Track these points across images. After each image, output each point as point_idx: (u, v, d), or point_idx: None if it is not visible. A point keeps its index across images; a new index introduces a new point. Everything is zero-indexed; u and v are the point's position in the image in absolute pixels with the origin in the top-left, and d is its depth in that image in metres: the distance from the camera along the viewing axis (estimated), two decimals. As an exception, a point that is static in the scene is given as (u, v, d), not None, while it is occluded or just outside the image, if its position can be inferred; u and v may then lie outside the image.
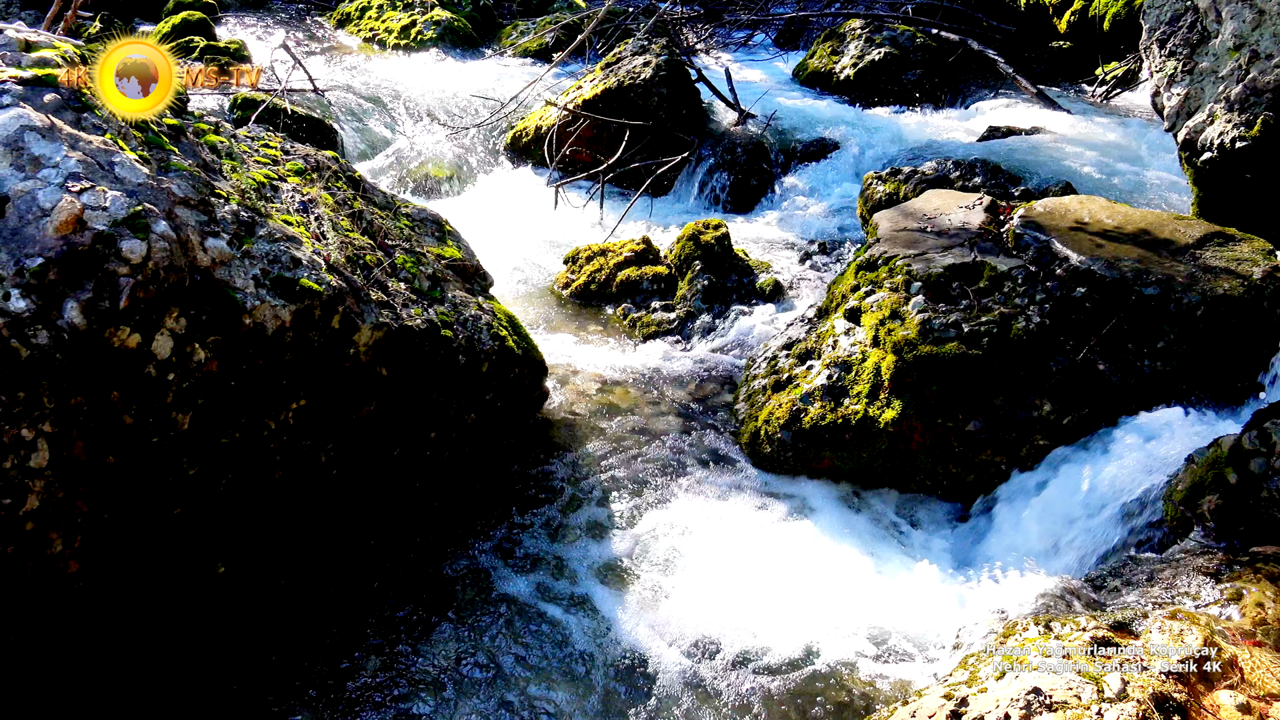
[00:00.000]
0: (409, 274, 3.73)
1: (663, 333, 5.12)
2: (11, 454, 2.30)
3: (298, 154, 3.91)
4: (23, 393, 2.31)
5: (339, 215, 3.63)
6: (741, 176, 7.11)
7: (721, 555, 3.50)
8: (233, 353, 2.77)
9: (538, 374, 4.16)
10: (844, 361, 4.07)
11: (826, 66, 8.92)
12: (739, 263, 5.55)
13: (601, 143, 7.23)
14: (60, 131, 2.65)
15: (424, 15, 10.40)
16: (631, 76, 7.36)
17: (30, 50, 2.93)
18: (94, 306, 2.43)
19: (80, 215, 2.45)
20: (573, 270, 5.74)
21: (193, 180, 2.92)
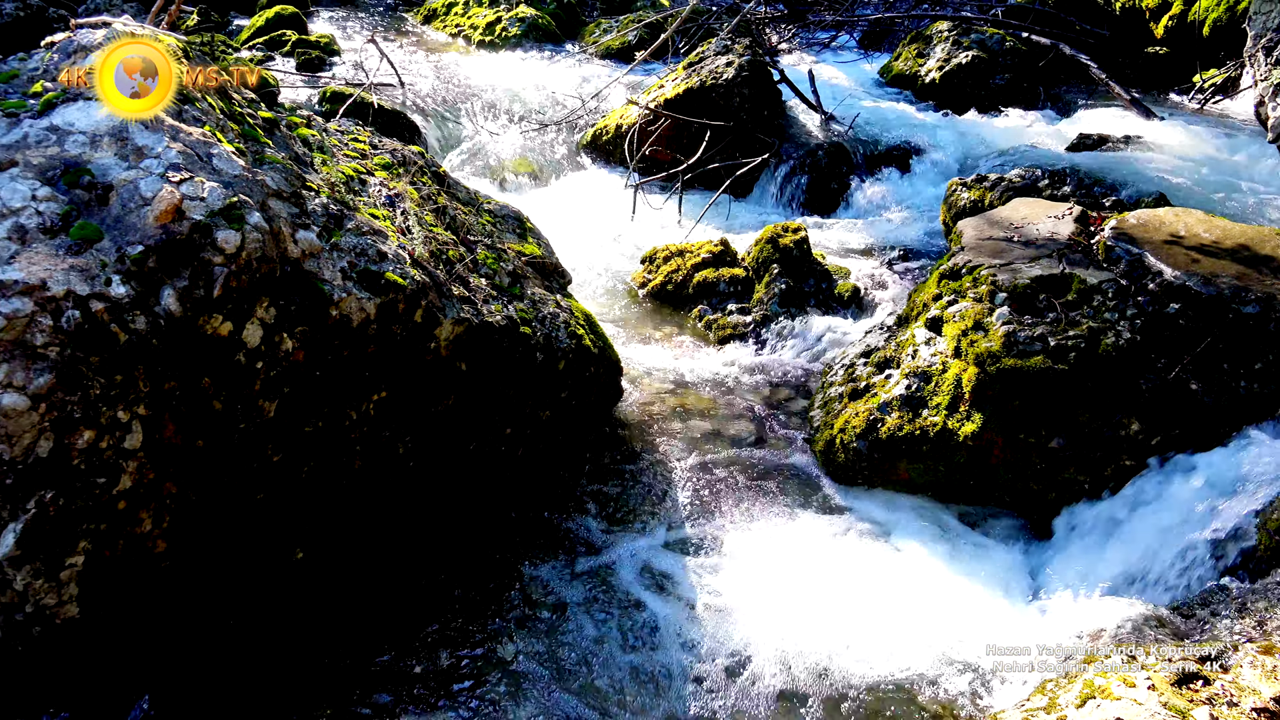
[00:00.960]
0: (490, 270, 3.76)
1: (738, 336, 5.09)
2: (108, 435, 2.37)
3: (385, 148, 3.97)
4: (120, 376, 2.38)
5: (424, 210, 3.68)
6: (822, 179, 7.03)
7: (792, 565, 3.46)
8: (319, 343, 2.82)
9: (613, 373, 4.17)
10: (924, 372, 4.00)
11: (912, 69, 8.78)
12: (817, 267, 5.49)
13: (681, 142, 7.22)
14: (163, 123, 2.73)
15: (509, 12, 10.50)
16: (714, 76, 7.33)
17: (136, 43, 3.02)
18: (189, 294, 2.49)
19: (179, 205, 2.52)
20: (649, 270, 5.74)
21: (285, 173, 2.98)
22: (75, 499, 2.33)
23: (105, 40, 2.99)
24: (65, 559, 2.35)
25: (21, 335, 2.26)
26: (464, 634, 3.12)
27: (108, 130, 2.67)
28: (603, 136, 7.78)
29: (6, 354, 2.24)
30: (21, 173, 2.53)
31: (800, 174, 7.07)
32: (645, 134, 7.29)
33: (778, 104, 7.66)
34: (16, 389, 2.23)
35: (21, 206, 2.46)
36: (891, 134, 7.48)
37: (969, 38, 8.59)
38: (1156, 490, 3.46)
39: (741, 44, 7.78)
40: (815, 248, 5.76)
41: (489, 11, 10.64)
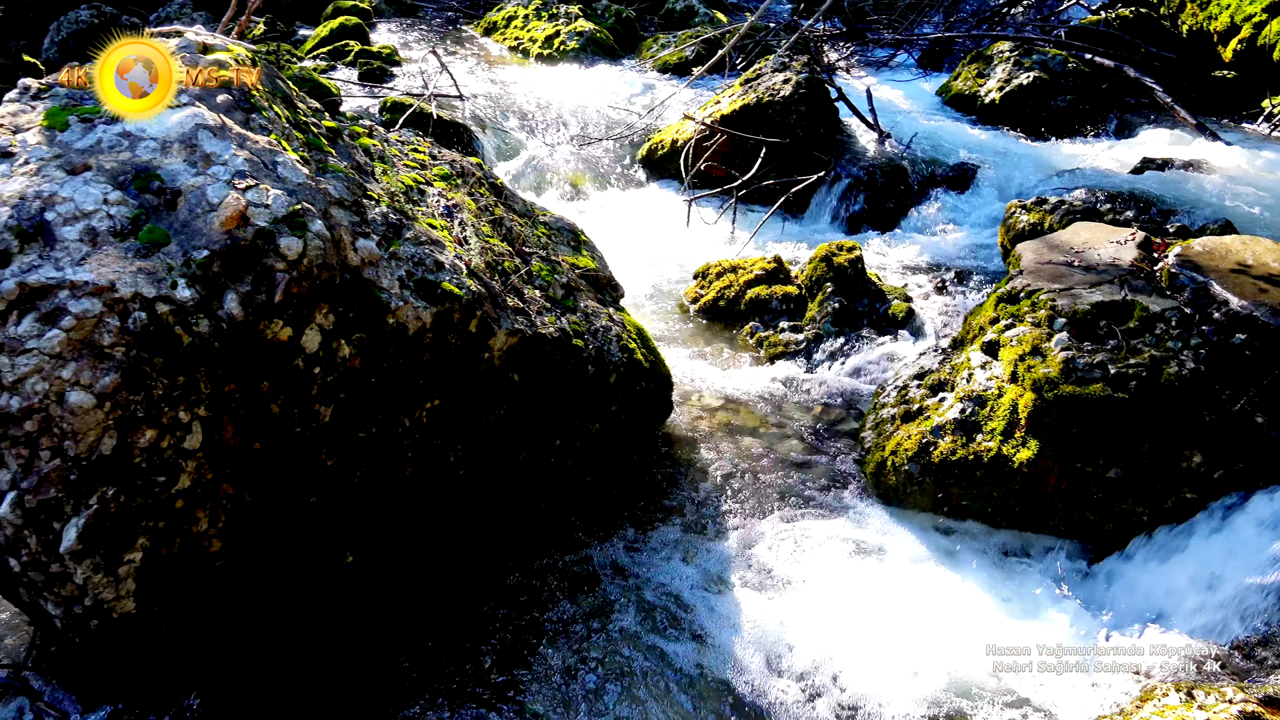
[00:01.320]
0: (544, 282, 3.78)
1: (790, 354, 5.06)
2: (169, 434, 2.42)
3: (444, 159, 4.02)
4: (182, 377, 2.42)
5: (481, 221, 3.71)
6: (878, 198, 6.98)
7: (841, 587, 3.42)
8: (375, 350, 2.85)
9: (663, 388, 4.16)
10: (979, 396, 3.94)
11: (971, 89, 8.68)
12: (871, 287, 5.45)
13: (736, 159, 7.21)
14: (230, 130, 2.79)
15: (568, 26, 10.58)
16: (770, 93, 7.32)
17: (207, 52, 3.09)
18: (251, 299, 2.54)
19: (244, 211, 2.57)
20: (702, 285, 5.73)
21: (347, 182, 3.02)
22: (135, 496, 2.37)
23: (178, 49, 3.07)
24: (124, 555, 2.39)
25: (90, 335, 2.32)
26: (507, 643, 3.12)
27: (178, 137, 2.73)
28: (658, 151, 7.80)
29: (75, 353, 2.30)
30: (94, 177, 2.60)
31: (856, 192, 7.02)
32: (701, 149, 7.29)
33: (834, 122, 7.62)
34: (83, 387, 2.28)
35: (94, 210, 2.52)
36: (949, 154, 7.40)
37: (1030, 58, 8.48)
38: (1218, 525, 3.37)
39: (799, 61, 7.77)
40: (870, 267, 5.71)
41: (548, 25, 10.74)
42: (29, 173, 2.59)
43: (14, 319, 2.31)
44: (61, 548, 2.29)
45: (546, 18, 10.92)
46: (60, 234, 2.46)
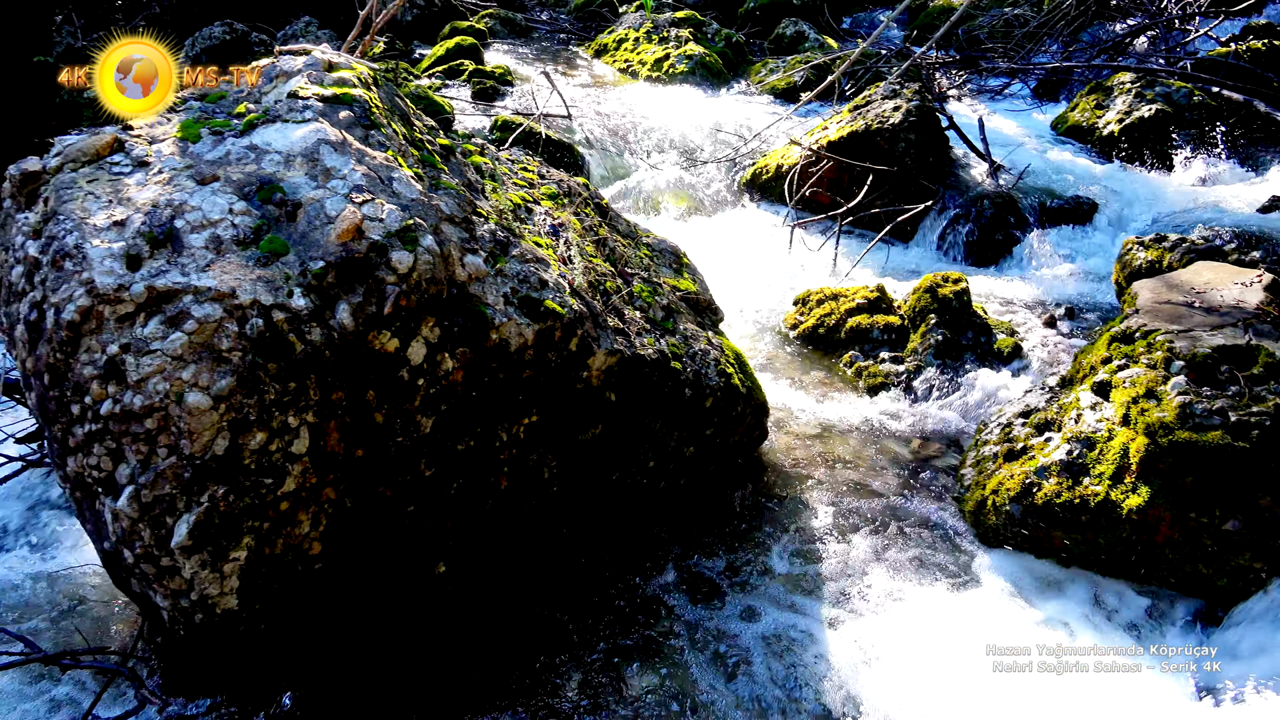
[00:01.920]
0: (644, 303, 3.79)
1: (889, 385, 4.96)
2: (278, 438, 2.49)
3: (552, 179, 4.07)
4: (294, 384, 2.50)
5: (585, 240, 3.74)
6: (986, 230, 6.81)
7: (933, 630, 3.32)
8: (477, 364, 2.89)
9: (759, 414, 4.13)
10: (1087, 438, 3.80)
11: (1089, 121, 8.43)
12: (977, 320, 5.31)
13: (842, 185, 7.13)
14: (350, 146, 2.87)
15: (677, 49, 10.66)
16: (879, 120, 7.23)
17: (332, 70, 3.20)
18: (362, 310, 2.60)
19: (360, 225, 2.64)
20: (802, 312, 5.67)
21: (458, 199, 3.09)
22: (244, 496, 2.45)
23: (305, 66, 3.18)
24: (230, 552, 2.47)
25: (210, 339, 2.41)
26: (589, 663, 3.12)
27: (301, 151, 2.82)
28: (763, 175, 7.77)
29: (195, 355, 2.39)
30: (222, 187, 2.71)
31: (964, 223, 6.87)
32: (806, 175, 7.24)
33: (944, 150, 7.48)
34: (201, 389, 2.37)
35: (219, 219, 2.62)
36: (1063, 187, 7.19)
37: (1153, 90, 8.19)
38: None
39: (910, 89, 7.66)
40: (976, 300, 5.57)
41: (658, 48, 10.83)
42: (162, 181, 2.72)
43: (141, 320, 2.42)
44: (172, 542, 2.38)
45: (657, 41, 11.02)
46: (188, 241, 2.57)
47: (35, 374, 2.53)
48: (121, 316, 2.42)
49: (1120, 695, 3.05)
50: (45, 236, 2.56)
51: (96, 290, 2.42)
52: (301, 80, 3.12)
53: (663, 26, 11.25)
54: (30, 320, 2.51)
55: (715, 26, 11.64)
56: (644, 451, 3.60)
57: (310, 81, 3.12)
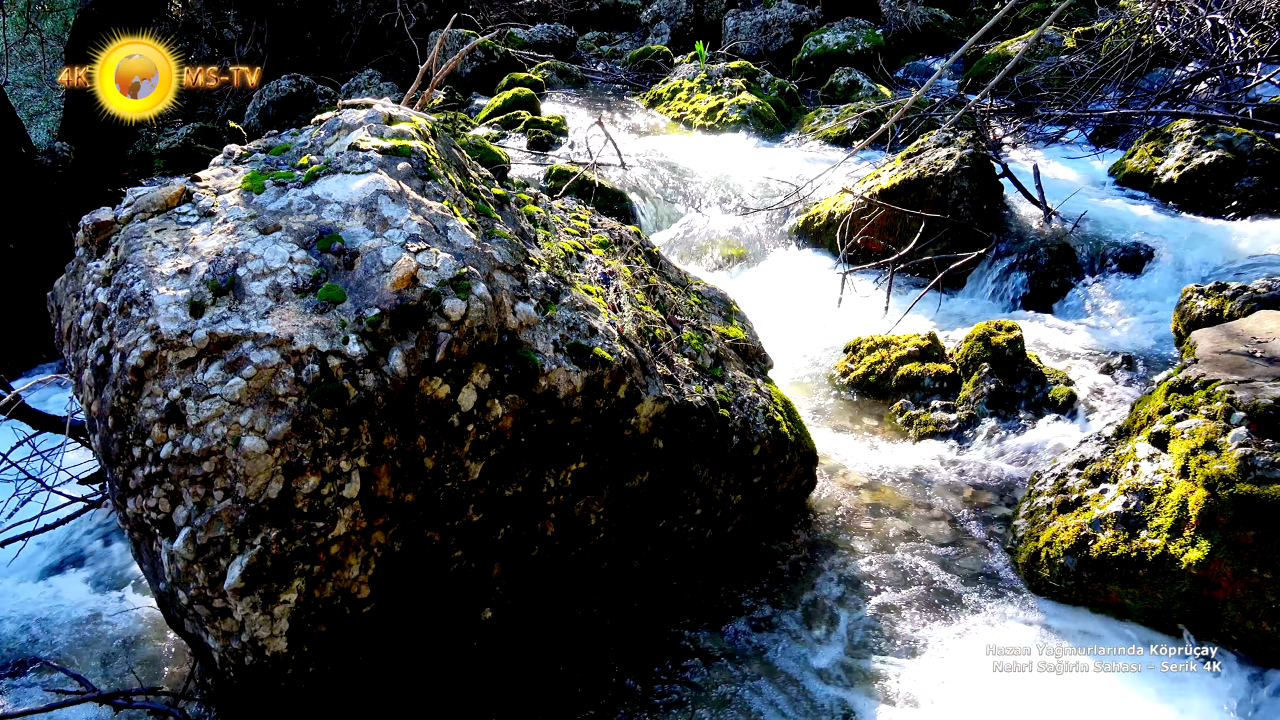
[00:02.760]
0: (693, 350, 3.80)
1: (940, 434, 4.90)
2: (330, 482, 2.53)
3: (604, 227, 4.12)
4: (346, 429, 2.54)
5: (635, 288, 3.78)
6: (1041, 278, 6.73)
7: (985, 686, 3.25)
8: (526, 411, 2.92)
9: (808, 463, 4.10)
10: (1144, 490, 3.71)
11: (1147, 168, 8.31)
12: (1030, 369, 5.23)
13: (894, 233, 7.11)
14: (407, 197, 2.94)
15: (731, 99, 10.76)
16: (933, 168, 7.21)
17: (391, 123, 3.29)
18: (414, 356, 2.65)
19: (415, 274, 2.69)
20: (852, 359, 5.64)
21: (511, 247, 3.14)
22: (295, 539, 2.49)
23: (365, 119, 3.28)
24: (281, 595, 2.51)
25: (267, 384, 2.47)
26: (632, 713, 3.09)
27: (360, 201, 2.90)
28: (814, 223, 7.78)
29: (252, 400, 2.45)
30: (283, 237, 2.79)
31: (1018, 270, 6.79)
32: (858, 222, 7.23)
33: (998, 198, 7.43)
34: (257, 433, 2.43)
35: (280, 267, 2.70)
36: (1120, 234, 7.08)
37: (1214, 137, 8.06)
38: None
39: (964, 136, 7.64)
40: (1030, 348, 5.49)
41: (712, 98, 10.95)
42: (226, 231, 2.81)
43: (202, 365, 2.49)
44: (225, 584, 2.42)
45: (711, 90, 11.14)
46: (249, 289, 2.64)
47: (100, 416, 2.61)
48: (184, 362, 2.49)
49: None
50: (114, 284, 2.65)
51: (161, 336, 2.49)
52: (362, 133, 3.21)
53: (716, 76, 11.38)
54: (97, 365, 2.60)
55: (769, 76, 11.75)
56: (691, 499, 3.59)
57: (370, 134, 3.21)
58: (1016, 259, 6.86)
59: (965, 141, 7.52)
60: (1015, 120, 10.03)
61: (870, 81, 12.01)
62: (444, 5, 14.64)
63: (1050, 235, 7.05)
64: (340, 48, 13.85)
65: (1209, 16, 9.86)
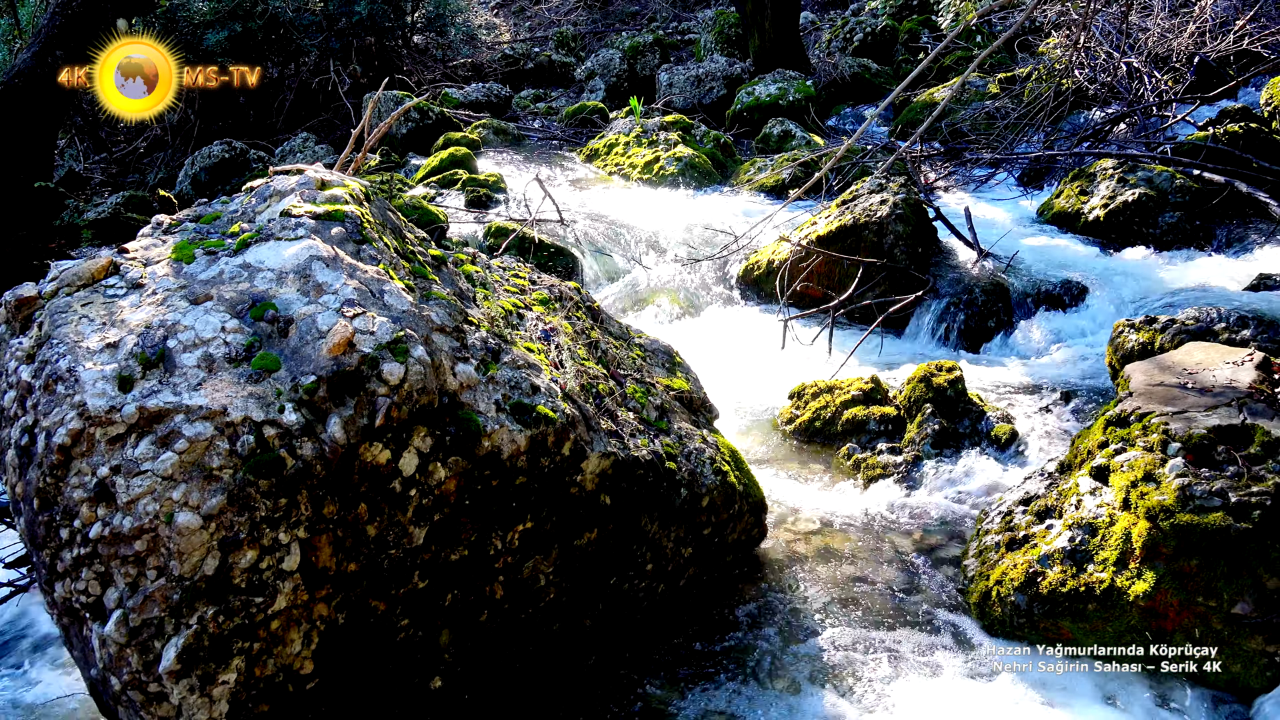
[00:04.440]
0: (638, 404, 3.81)
1: (888, 476, 4.95)
2: (269, 555, 2.48)
3: (543, 284, 4.14)
4: (284, 499, 2.50)
5: (577, 344, 3.79)
6: (978, 317, 6.89)
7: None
8: (469, 473, 2.90)
9: (757, 511, 4.11)
10: (1088, 524, 3.78)
11: (1074, 206, 8.59)
12: (973, 408, 5.33)
13: (833, 279, 7.24)
14: (342, 261, 2.93)
15: (667, 152, 10.93)
16: (867, 214, 7.37)
17: (324, 188, 3.29)
18: (353, 423, 2.62)
19: (351, 339, 2.68)
20: (797, 406, 5.69)
21: (449, 308, 3.13)
22: (233, 616, 2.43)
23: (298, 185, 3.27)
24: (219, 676, 2.44)
25: (201, 458, 2.42)
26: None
27: (293, 268, 2.88)
28: (755, 271, 7.89)
29: (186, 475, 2.40)
30: (215, 306, 2.76)
31: (956, 311, 6.95)
32: (797, 270, 7.35)
33: (933, 241, 7.62)
34: (191, 508, 2.37)
35: (212, 337, 2.66)
36: (1052, 272, 7.29)
37: (1135, 175, 8.37)
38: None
39: (896, 182, 7.83)
40: (971, 387, 5.59)
41: (648, 151, 11.11)
42: (155, 302, 2.77)
43: (132, 441, 2.44)
44: (160, 667, 2.35)
45: (647, 144, 11.30)
46: (180, 360, 2.60)
47: (25, 499, 2.53)
48: (113, 438, 2.43)
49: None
50: (39, 361, 2.59)
51: (88, 413, 2.44)
52: (294, 199, 3.20)
53: (652, 130, 11.56)
54: (21, 445, 2.53)
55: (704, 129, 11.96)
56: (641, 554, 3.57)
57: (303, 200, 3.20)
58: (953, 300, 7.02)
59: (898, 187, 7.71)
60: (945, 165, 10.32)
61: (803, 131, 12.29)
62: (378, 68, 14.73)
63: (985, 275, 7.23)
64: (274, 111, 13.83)
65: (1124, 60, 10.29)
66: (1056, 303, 6.99)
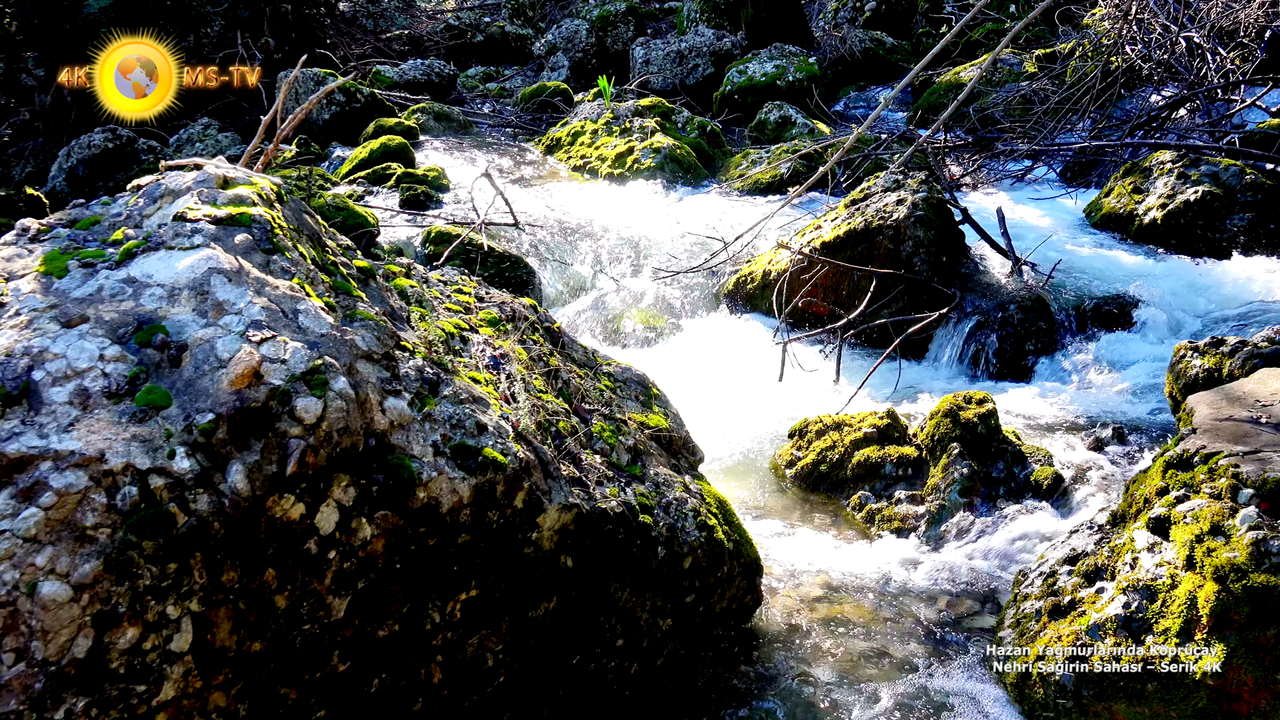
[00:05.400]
0: (606, 445, 3.81)
1: (907, 531, 4.98)
2: (154, 633, 2.45)
3: (493, 301, 4.14)
4: (174, 565, 2.48)
5: (533, 374, 3.79)
6: (1014, 339, 6.95)
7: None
8: (401, 530, 2.88)
9: (750, 574, 4.11)
10: (1146, 587, 3.80)
11: (1127, 207, 8.71)
12: (1008, 447, 5.37)
13: (841, 293, 7.29)
14: (247, 275, 2.93)
15: (643, 142, 11.00)
16: (882, 216, 7.45)
17: (227, 187, 3.28)
18: (259, 470, 2.60)
19: (257, 368, 2.66)
20: (799, 446, 5.72)
21: (378, 331, 3.13)
22: (110, 709, 2.40)
23: (195, 184, 3.26)
24: (94, 781, 2.40)
25: (71, 515, 2.40)
26: None
27: (188, 283, 2.87)
28: (747, 285, 7.94)
29: (53, 535, 2.37)
30: (91, 330, 2.74)
31: (987, 332, 7.01)
32: (798, 282, 7.40)
33: (959, 248, 7.70)
34: (59, 576, 2.35)
35: (87, 368, 2.64)
36: (1102, 285, 7.38)
37: (1198, 170, 8.50)
38: None
39: (916, 178, 7.92)
40: (1006, 423, 5.64)
41: (620, 141, 11.18)
42: (19, 325, 2.74)
43: (-12, 495, 2.41)
44: (21, 771, 2.32)
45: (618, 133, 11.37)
46: (48, 396, 2.58)
47: None
48: (-37, 491, 2.40)
49: None
50: (-126, 397, 2.56)
51: (-67, 460, 2.41)
52: (191, 199, 3.19)
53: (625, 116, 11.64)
54: None
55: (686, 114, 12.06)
56: (610, 627, 3.56)
57: (201, 201, 3.19)
58: (985, 319, 7.08)
59: (918, 184, 7.80)
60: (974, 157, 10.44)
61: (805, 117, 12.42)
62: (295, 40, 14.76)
63: (1022, 289, 7.30)
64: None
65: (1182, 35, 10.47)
66: (1106, 321, 7.07)
